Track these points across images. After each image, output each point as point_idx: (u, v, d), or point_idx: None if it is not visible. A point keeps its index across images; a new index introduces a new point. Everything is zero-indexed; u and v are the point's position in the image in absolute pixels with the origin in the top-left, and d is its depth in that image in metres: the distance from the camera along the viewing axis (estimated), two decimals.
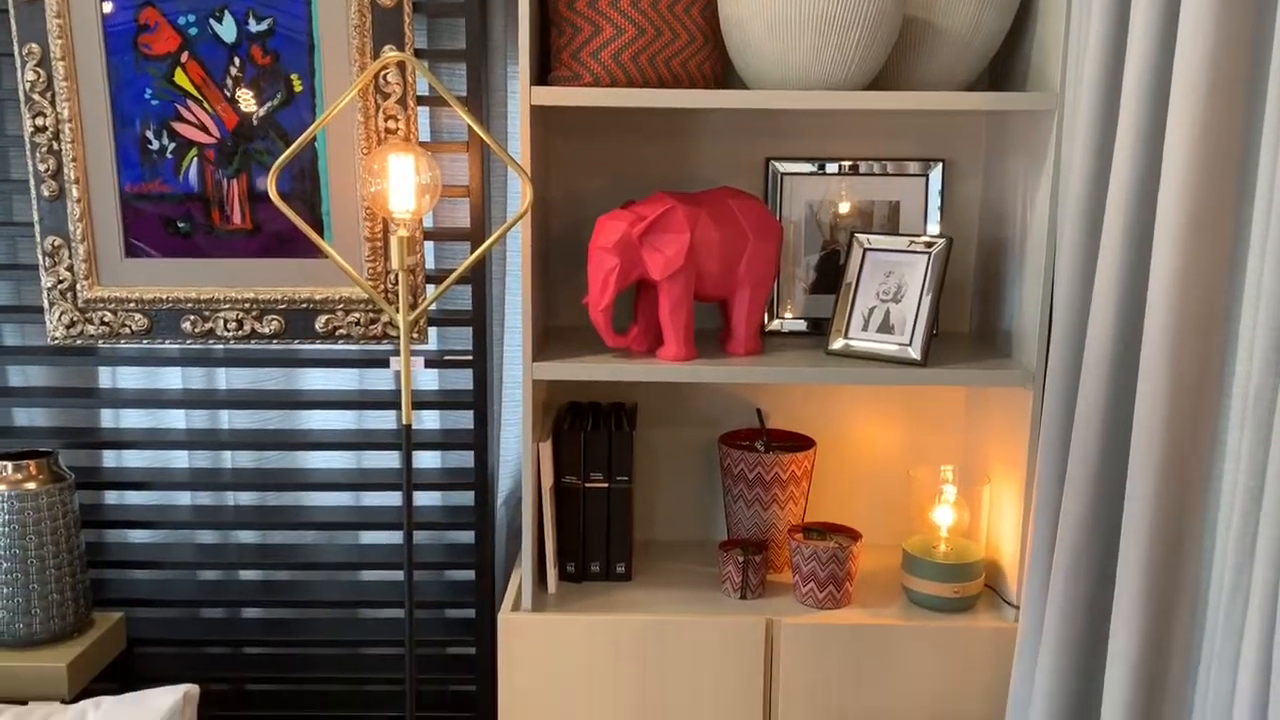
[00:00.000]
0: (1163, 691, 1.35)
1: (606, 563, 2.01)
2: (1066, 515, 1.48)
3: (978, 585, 1.90)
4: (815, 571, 1.89)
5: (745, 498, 2.01)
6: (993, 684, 1.84)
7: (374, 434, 2.12)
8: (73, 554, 1.87)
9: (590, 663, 1.86)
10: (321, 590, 2.13)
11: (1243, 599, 1.21)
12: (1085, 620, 1.50)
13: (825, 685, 1.86)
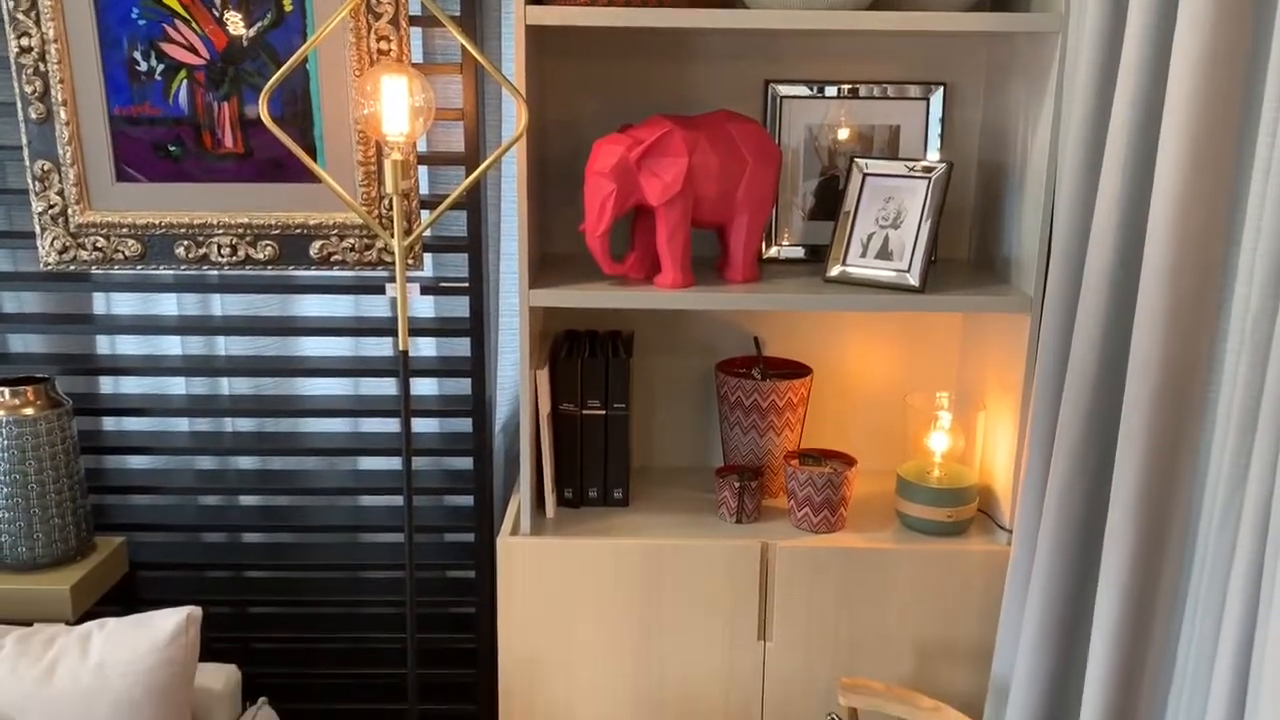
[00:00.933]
0: (1152, 612, 1.38)
1: (604, 488, 2.03)
2: (1061, 439, 1.49)
3: (971, 510, 1.92)
4: (810, 496, 1.91)
5: (742, 425, 2.02)
6: (984, 606, 1.87)
7: (371, 361, 2.12)
8: (72, 479, 1.88)
9: (588, 585, 1.89)
10: (321, 515, 2.15)
11: (1234, 520, 1.22)
12: (1078, 543, 1.52)
13: (819, 608, 1.89)
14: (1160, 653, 1.38)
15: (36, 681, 1.55)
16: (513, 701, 1.94)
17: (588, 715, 1.94)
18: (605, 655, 1.91)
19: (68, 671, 1.57)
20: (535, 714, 1.94)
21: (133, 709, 1.56)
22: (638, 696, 1.93)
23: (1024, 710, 1.57)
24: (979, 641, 1.89)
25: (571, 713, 1.94)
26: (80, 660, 1.58)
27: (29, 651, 1.59)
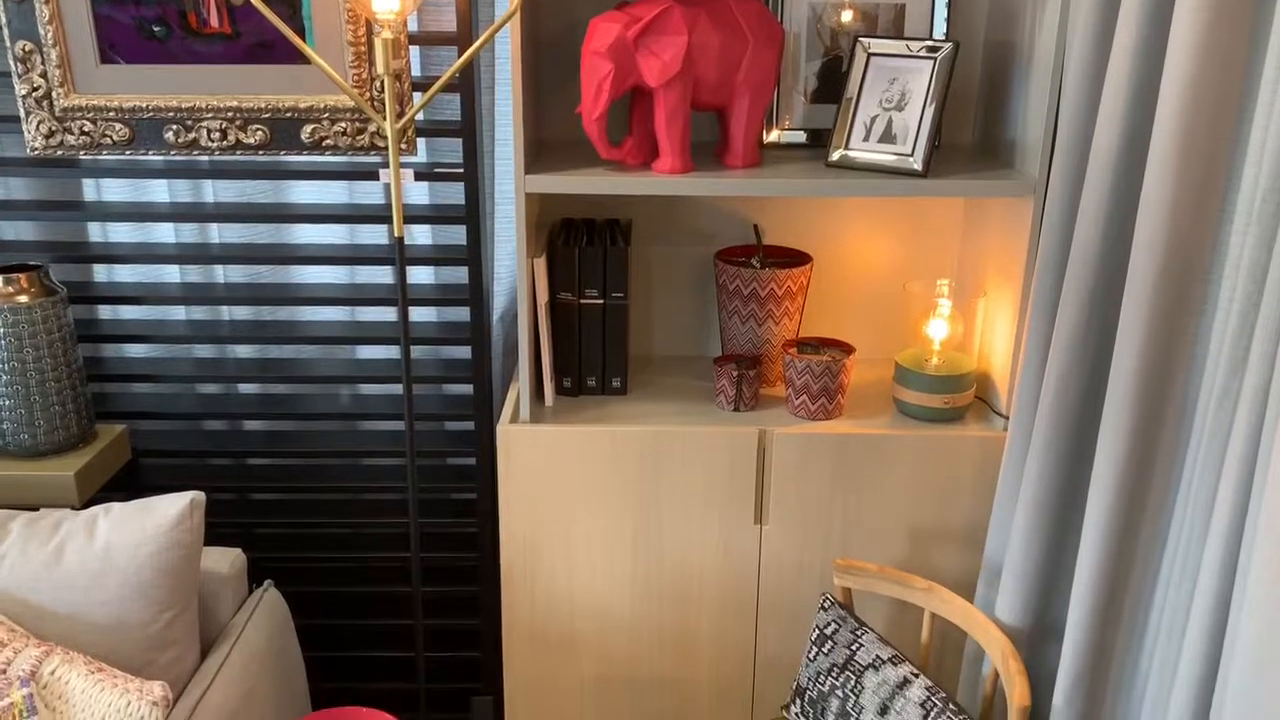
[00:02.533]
0: (1145, 496, 1.39)
1: (602, 377, 2.03)
2: (1061, 325, 1.48)
3: (968, 396, 1.93)
4: (808, 384, 1.92)
5: (740, 314, 2.01)
6: (978, 491, 1.90)
7: (366, 249, 2.10)
8: (71, 367, 1.88)
9: (587, 472, 1.91)
10: (321, 403, 2.16)
11: (1231, 404, 1.23)
12: (1074, 427, 1.52)
13: (815, 493, 1.91)
14: (1152, 537, 1.40)
15: (45, 564, 1.58)
16: (514, 583, 1.98)
17: (587, 597, 1.98)
18: (604, 539, 1.94)
19: (75, 554, 1.59)
20: (536, 595, 1.99)
21: (140, 590, 1.59)
22: (636, 578, 1.97)
23: (1015, 591, 1.60)
24: (972, 525, 1.92)
25: (571, 594, 1.98)
26: (87, 543, 1.60)
27: (37, 535, 1.62)
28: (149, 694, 1.46)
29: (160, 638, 1.62)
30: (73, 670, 1.47)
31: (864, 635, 1.71)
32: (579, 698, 2.05)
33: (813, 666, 1.75)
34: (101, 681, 1.46)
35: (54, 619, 1.56)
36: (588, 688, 2.05)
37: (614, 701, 2.06)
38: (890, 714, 1.59)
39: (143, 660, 1.61)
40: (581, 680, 2.04)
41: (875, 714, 1.61)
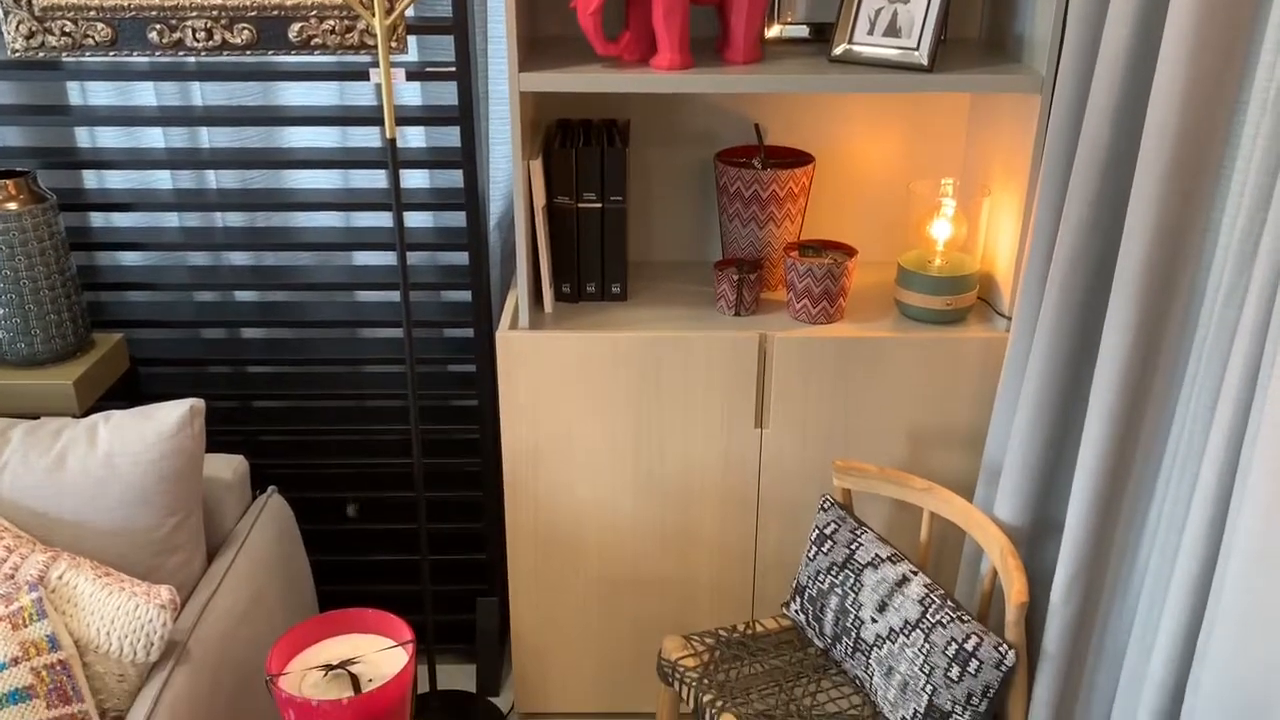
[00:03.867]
0: (1147, 395, 1.38)
1: (602, 283, 2.01)
2: (1067, 220, 1.46)
3: (970, 298, 1.91)
4: (809, 288, 1.90)
5: (741, 216, 1.98)
6: (979, 393, 1.89)
7: (359, 152, 2.06)
8: (64, 275, 1.86)
9: (588, 378, 1.90)
10: (319, 311, 2.14)
11: (1239, 300, 1.21)
12: (1077, 327, 1.51)
13: (816, 396, 1.91)
14: (1153, 433, 1.40)
15: (47, 471, 1.59)
16: (517, 488, 2.00)
17: (590, 500, 2.00)
18: (605, 444, 1.95)
19: (77, 462, 1.60)
20: (539, 500, 2.00)
21: (143, 496, 1.60)
22: (637, 482, 1.98)
23: (1014, 490, 1.61)
24: (972, 427, 1.92)
25: (574, 499, 2.00)
26: (89, 450, 1.60)
27: (38, 443, 1.62)
28: (156, 598, 1.48)
29: (166, 543, 1.63)
30: (80, 575, 1.48)
31: (863, 535, 1.72)
32: (582, 598, 2.09)
33: (812, 565, 1.77)
34: (109, 586, 1.48)
35: (58, 525, 1.58)
36: (591, 588, 2.08)
37: (616, 601, 2.09)
38: (889, 610, 1.61)
39: (149, 565, 1.63)
40: (585, 581, 2.07)
41: (874, 610, 1.64)
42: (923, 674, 1.54)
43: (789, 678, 1.74)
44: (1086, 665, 1.54)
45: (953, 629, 1.52)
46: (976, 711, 1.49)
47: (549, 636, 2.12)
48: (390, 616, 1.52)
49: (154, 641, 1.46)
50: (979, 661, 1.48)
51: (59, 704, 1.38)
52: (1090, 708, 1.56)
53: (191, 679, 1.48)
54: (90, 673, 1.45)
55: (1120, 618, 1.50)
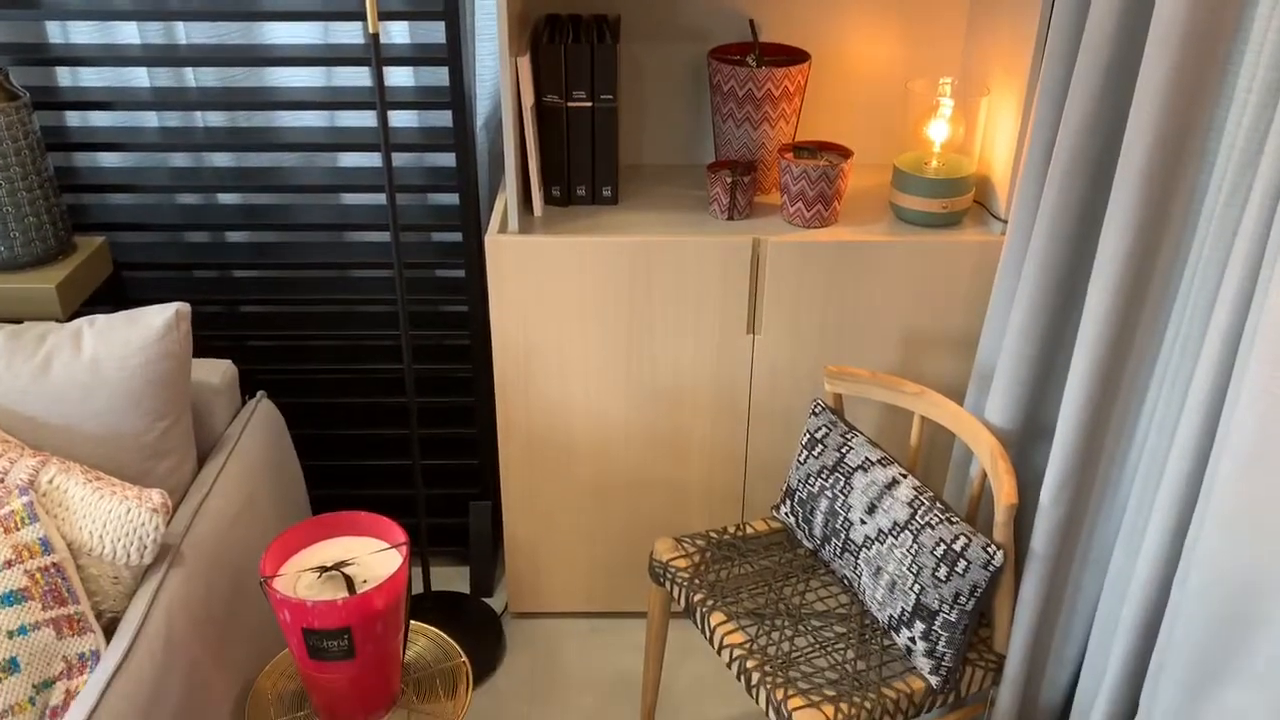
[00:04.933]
0: (1145, 294, 1.37)
1: (592, 186, 1.97)
2: (1068, 120, 1.42)
3: (967, 200, 1.89)
4: (804, 191, 1.87)
5: (735, 116, 1.94)
6: (973, 297, 1.88)
7: (342, 49, 1.99)
8: (41, 176, 1.81)
9: (579, 283, 1.88)
10: (305, 214, 2.10)
11: (1240, 202, 1.19)
12: (1075, 226, 1.49)
13: (809, 301, 1.89)
14: (1149, 335, 1.39)
15: (32, 376, 1.57)
16: (508, 395, 1.99)
17: (581, 406, 1.99)
18: (597, 350, 1.94)
19: (63, 367, 1.58)
20: (531, 406, 2.00)
21: (131, 401, 1.58)
22: (629, 388, 1.98)
23: (1006, 393, 1.61)
24: (965, 331, 1.92)
25: (566, 404, 1.99)
26: (74, 355, 1.58)
27: (22, 348, 1.60)
28: (148, 501, 1.47)
29: (156, 447, 1.63)
30: (70, 479, 1.48)
31: (854, 439, 1.72)
32: (574, 501, 2.10)
33: (803, 469, 1.78)
34: (100, 490, 1.48)
35: (47, 430, 1.57)
36: (582, 492, 2.09)
37: (608, 504, 2.10)
38: (878, 512, 1.63)
39: (140, 470, 1.62)
40: (576, 484, 2.08)
41: (863, 513, 1.65)
42: (910, 574, 1.56)
43: (778, 578, 1.76)
44: (1073, 566, 1.56)
45: (941, 530, 1.53)
46: (963, 610, 1.51)
47: (541, 539, 2.14)
48: (383, 519, 1.53)
49: (147, 545, 1.46)
50: (967, 562, 1.50)
51: (54, 605, 1.39)
52: (1075, 607, 1.59)
53: (186, 582, 1.49)
54: (84, 575, 1.46)
55: (1108, 519, 1.52)
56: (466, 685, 1.56)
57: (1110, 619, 1.47)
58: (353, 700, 1.47)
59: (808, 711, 1.49)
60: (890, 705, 1.53)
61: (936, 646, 1.54)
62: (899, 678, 1.57)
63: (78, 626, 1.40)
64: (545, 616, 2.27)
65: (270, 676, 1.58)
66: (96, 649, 1.40)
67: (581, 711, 2.04)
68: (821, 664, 1.59)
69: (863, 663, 1.59)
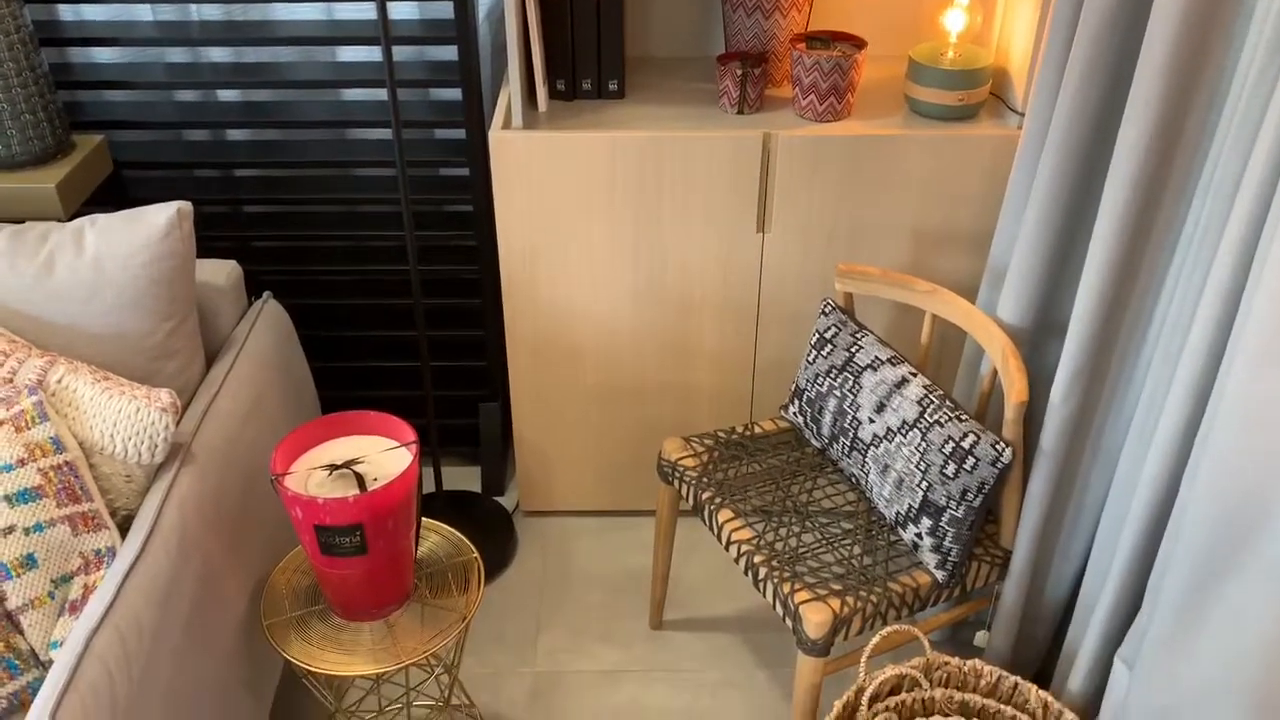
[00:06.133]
0: (1164, 184, 1.34)
1: (598, 79, 1.93)
2: (1090, 7, 1.37)
3: (983, 93, 1.84)
4: (816, 83, 1.82)
5: (745, 5, 1.88)
6: (987, 193, 1.85)
7: None
8: (36, 72, 1.77)
9: (585, 180, 1.85)
10: (305, 110, 2.06)
11: (1267, 88, 1.15)
12: (1095, 117, 1.45)
13: (820, 198, 1.86)
14: (1167, 228, 1.36)
15: (36, 276, 1.56)
16: (515, 295, 1.97)
17: (589, 306, 1.98)
18: (604, 248, 1.92)
19: (66, 267, 1.57)
20: (538, 306, 1.98)
21: (136, 301, 1.57)
22: (637, 288, 1.96)
23: (1019, 290, 1.59)
24: (978, 229, 1.89)
25: (573, 304, 1.98)
26: (77, 255, 1.57)
27: (24, 248, 1.58)
28: (157, 401, 1.48)
29: (162, 348, 1.62)
30: (79, 379, 1.48)
31: (863, 338, 1.71)
32: (583, 402, 2.10)
33: (811, 369, 1.77)
34: (109, 389, 1.48)
35: (52, 331, 1.56)
36: (591, 392, 2.09)
37: (617, 405, 2.11)
38: (887, 411, 1.62)
39: (148, 370, 1.62)
40: (585, 385, 2.08)
41: (872, 411, 1.65)
42: (919, 471, 1.56)
43: (786, 476, 1.77)
44: (1082, 463, 1.56)
45: (950, 428, 1.53)
46: (970, 506, 1.52)
47: (551, 439, 2.15)
48: (392, 418, 1.53)
49: (158, 444, 1.47)
50: (975, 459, 1.50)
51: (69, 503, 1.40)
52: (1083, 503, 1.59)
53: (198, 480, 1.50)
54: (97, 474, 1.47)
55: (1119, 416, 1.51)
56: (478, 580, 1.58)
57: (1117, 515, 1.47)
58: (366, 595, 1.50)
59: (814, 605, 1.51)
60: (896, 599, 1.55)
61: (943, 542, 1.55)
62: (905, 572, 1.59)
63: (93, 523, 1.42)
64: (555, 515, 2.30)
65: (284, 572, 1.60)
66: (112, 545, 1.42)
67: (592, 606, 2.08)
68: (828, 559, 1.60)
69: (869, 558, 1.61)
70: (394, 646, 1.48)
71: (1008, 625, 1.68)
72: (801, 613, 1.50)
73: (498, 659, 1.97)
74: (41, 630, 1.36)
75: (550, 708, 1.88)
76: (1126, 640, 1.40)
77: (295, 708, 1.89)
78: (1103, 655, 1.48)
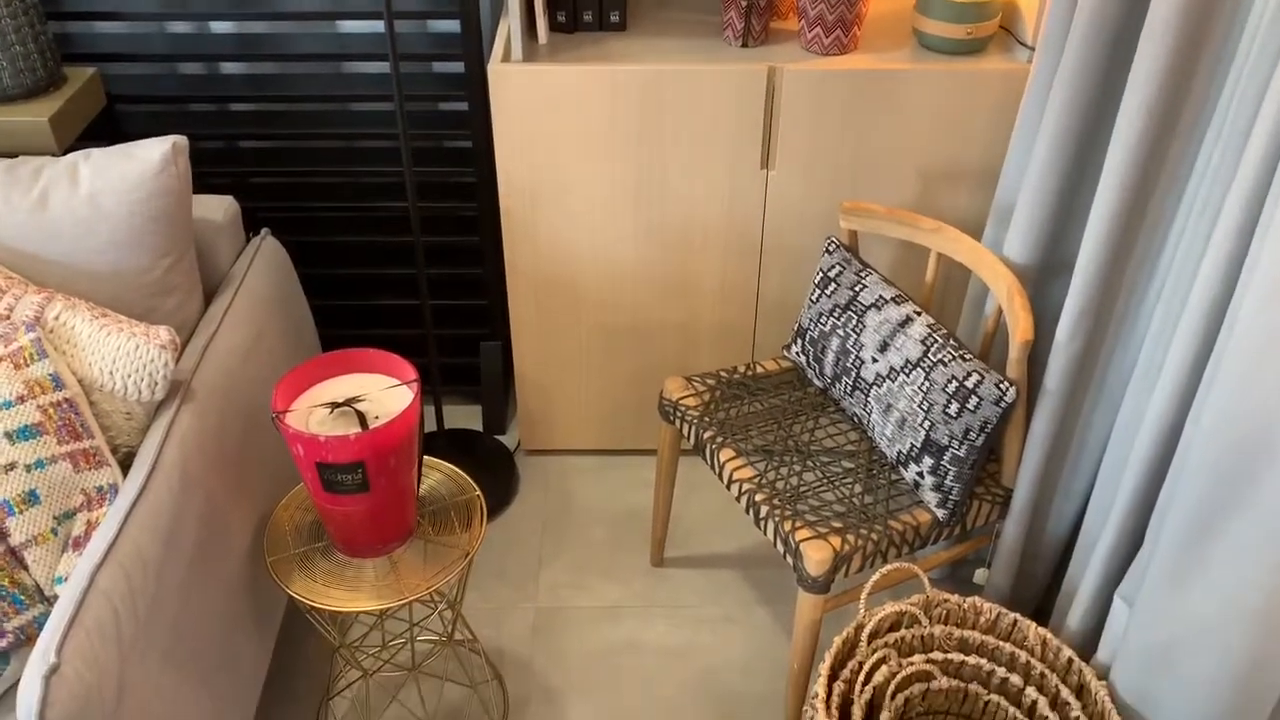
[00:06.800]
0: (1177, 118, 1.31)
1: (599, 11, 1.89)
2: None
3: (992, 26, 1.80)
4: (823, 15, 1.78)
5: None
6: (995, 129, 1.82)
7: None
8: (26, 2, 1.73)
9: (586, 115, 1.82)
10: (301, 43, 2.02)
11: None
12: (1105, 57, 1.42)
13: (825, 133, 1.83)
14: (1179, 162, 1.34)
15: (31, 211, 1.54)
16: (515, 232, 1.95)
17: (590, 244, 1.96)
18: (605, 183, 1.89)
19: (61, 202, 1.54)
20: (538, 243, 1.96)
21: (133, 237, 1.55)
22: (638, 224, 1.94)
23: (1026, 228, 1.57)
24: (985, 166, 1.86)
25: (574, 241, 1.96)
26: (71, 190, 1.55)
27: (18, 181, 1.56)
28: (156, 338, 1.46)
29: (160, 284, 1.61)
30: (76, 316, 1.47)
31: (868, 277, 1.70)
32: (584, 341, 2.09)
33: (815, 308, 1.76)
34: (107, 326, 1.47)
35: (48, 267, 1.54)
36: (592, 331, 2.08)
37: (618, 344, 2.10)
38: (890, 350, 1.61)
39: (146, 307, 1.61)
40: (586, 324, 2.07)
41: (875, 351, 1.64)
42: (921, 410, 1.55)
43: (788, 415, 1.77)
44: (1085, 402, 1.56)
45: (954, 367, 1.52)
46: (973, 446, 1.52)
47: (552, 378, 2.15)
48: (393, 356, 1.52)
49: (157, 381, 1.46)
50: (978, 398, 1.49)
51: (70, 440, 1.40)
52: (1086, 442, 1.59)
53: (198, 418, 1.50)
54: (97, 411, 1.46)
55: (1124, 355, 1.50)
56: (481, 517, 1.59)
57: (1120, 454, 1.47)
58: (369, 531, 1.50)
59: (815, 543, 1.51)
60: (896, 537, 1.56)
61: (944, 481, 1.55)
62: (906, 511, 1.59)
63: (94, 460, 1.42)
64: (556, 454, 2.30)
65: (287, 509, 1.61)
66: (114, 482, 1.42)
67: (594, 542, 2.09)
68: (829, 498, 1.61)
69: (870, 497, 1.61)
70: (397, 582, 1.49)
71: (1008, 563, 1.69)
72: (802, 550, 1.51)
73: (500, 595, 1.99)
74: (45, 566, 1.37)
75: (552, 642, 1.90)
76: (1126, 578, 1.41)
77: (299, 644, 1.91)
78: (1102, 592, 1.49)
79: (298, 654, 1.88)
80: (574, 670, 1.85)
